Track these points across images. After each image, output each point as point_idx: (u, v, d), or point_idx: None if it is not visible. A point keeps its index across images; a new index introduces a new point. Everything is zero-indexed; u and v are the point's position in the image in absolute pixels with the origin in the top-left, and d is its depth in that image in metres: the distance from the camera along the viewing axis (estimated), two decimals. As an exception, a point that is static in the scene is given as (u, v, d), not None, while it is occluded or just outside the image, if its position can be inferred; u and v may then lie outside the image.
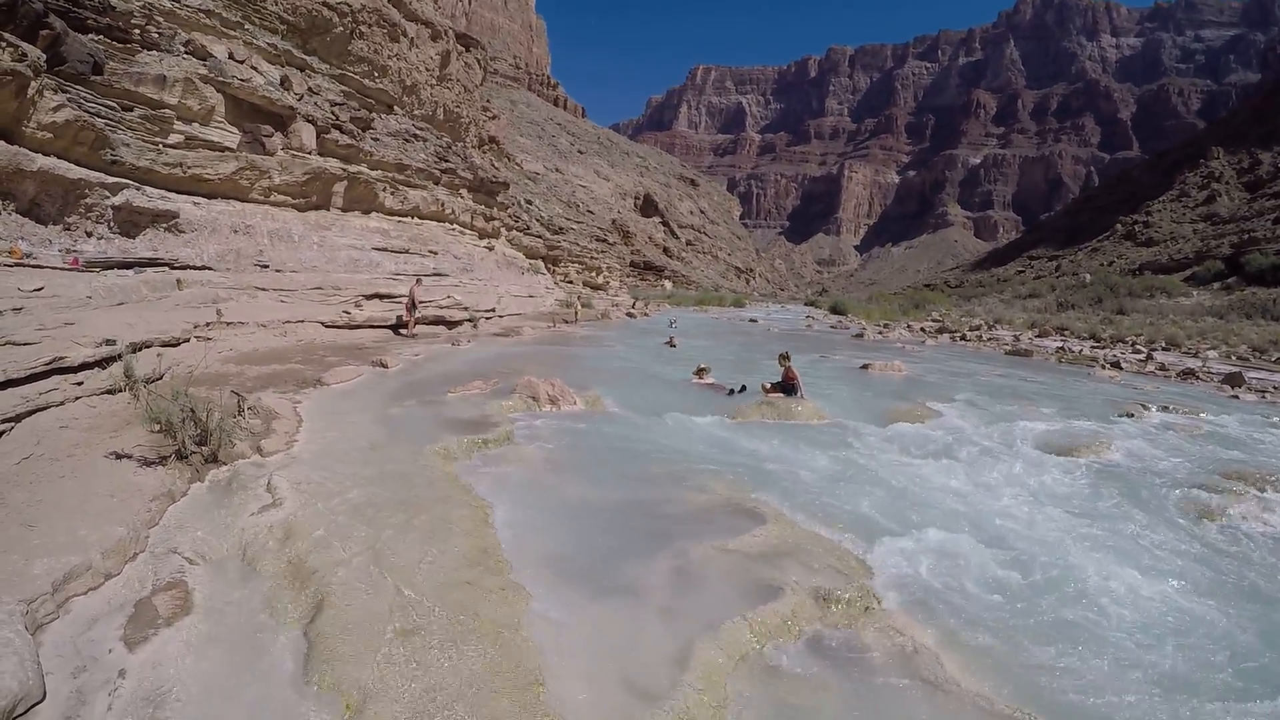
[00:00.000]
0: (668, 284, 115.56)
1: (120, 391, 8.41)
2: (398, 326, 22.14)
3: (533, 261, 48.04)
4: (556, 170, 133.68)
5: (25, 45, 14.00)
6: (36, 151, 14.39)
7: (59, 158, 14.92)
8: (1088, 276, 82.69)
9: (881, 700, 4.38)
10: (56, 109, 14.73)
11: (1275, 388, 20.92)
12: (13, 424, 7.01)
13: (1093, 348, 35.65)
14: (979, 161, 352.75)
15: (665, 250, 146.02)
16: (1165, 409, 15.74)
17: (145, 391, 7.99)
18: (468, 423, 10.37)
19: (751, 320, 55.14)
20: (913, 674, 4.64)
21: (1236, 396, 19.14)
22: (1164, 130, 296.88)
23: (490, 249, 39.78)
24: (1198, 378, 23.12)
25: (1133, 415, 14.69)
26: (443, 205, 34.14)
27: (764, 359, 21.47)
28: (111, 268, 14.44)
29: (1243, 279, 61.05)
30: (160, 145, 18.48)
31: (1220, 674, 4.94)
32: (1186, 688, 4.73)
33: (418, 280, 24.25)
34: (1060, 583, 6.16)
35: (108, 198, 16.00)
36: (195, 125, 20.06)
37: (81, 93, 16.05)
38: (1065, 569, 6.42)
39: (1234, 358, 30.89)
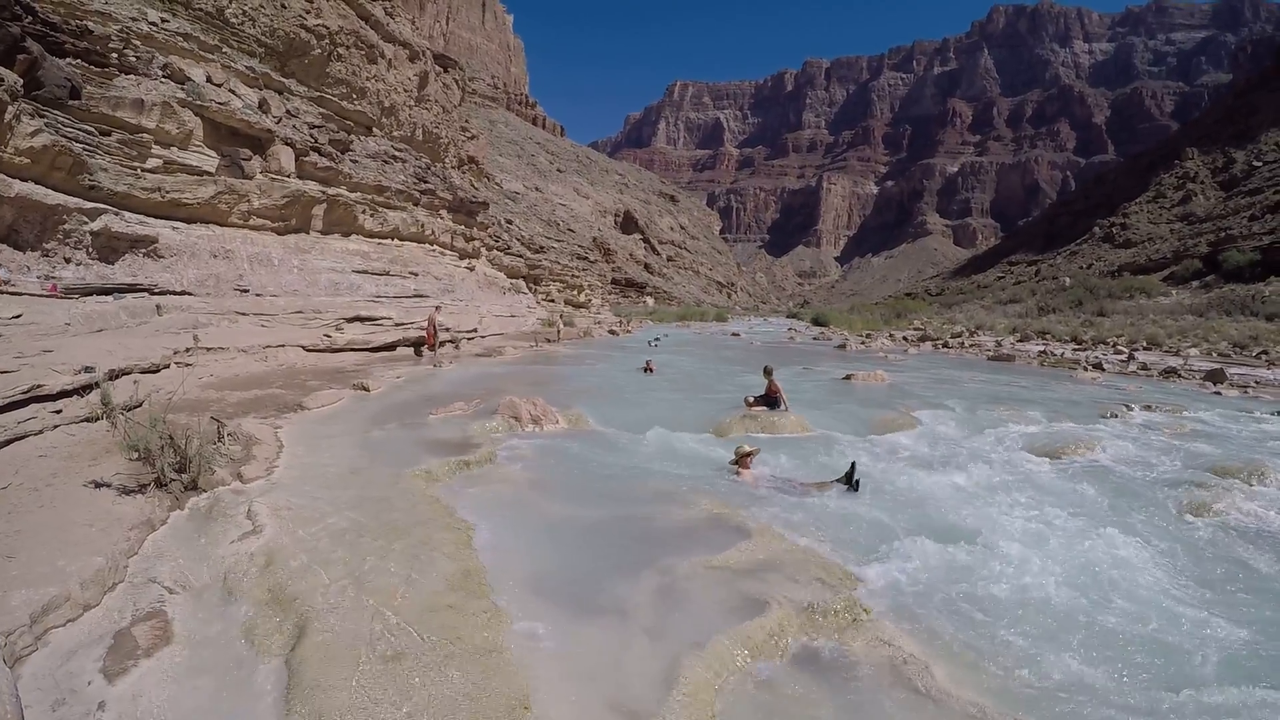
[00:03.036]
0: (650, 300, 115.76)
1: (99, 419, 8.32)
2: (418, 347, 23.06)
3: (514, 281, 47.98)
4: (536, 189, 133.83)
5: (2, 70, 13.94)
6: (14, 177, 14.30)
7: (36, 183, 14.83)
8: (1067, 280, 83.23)
9: (871, 712, 4.35)
10: (34, 134, 14.64)
11: (1257, 382, 21.13)
12: None
13: (1074, 350, 35.89)
14: (956, 170, 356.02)
15: (646, 267, 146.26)
16: (1149, 408, 15.87)
17: (124, 419, 7.90)
18: (450, 444, 10.34)
19: (734, 334, 55.22)
20: (903, 684, 4.61)
21: (1219, 393, 19.32)
22: (1138, 133, 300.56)
23: (471, 269, 39.72)
24: (1180, 376, 23.31)
25: (1117, 416, 14.80)
26: (423, 226, 34.11)
27: (747, 373, 21.47)
28: (91, 294, 14.37)
29: (1221, 276, 61.66)
30: (139, 170, 18.41)
31: (1219, 674, 4.93)
32: (1183, 689, 4.71)
33: (437, 308, 24.89)
34: (1050, 587, 6.15)
35: (86, 223, 15.91)
36: (173, 149, 19.99)
37: (59, 117, 15.97)
38: (1055, 573, 6.42)
39: (1215, 355, 31.18)
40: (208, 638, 4.76)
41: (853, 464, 8.89)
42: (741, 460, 9.67)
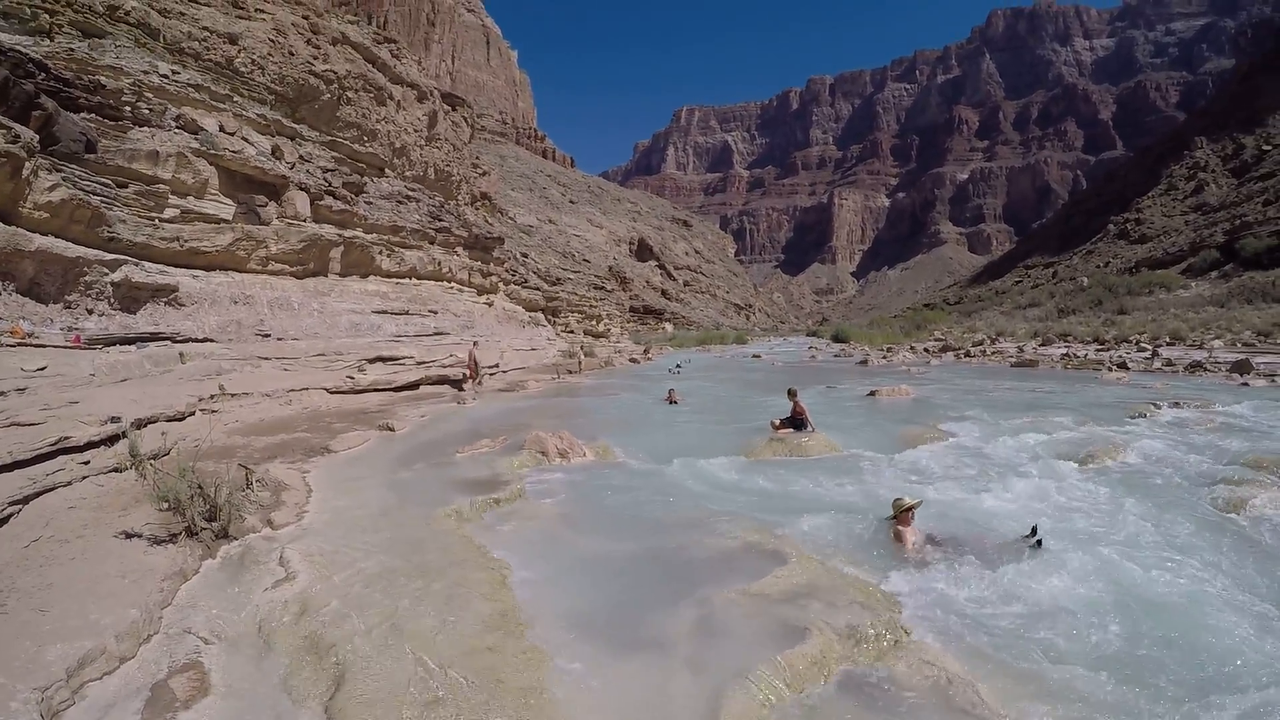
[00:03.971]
0: (668, 326, 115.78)
1: (126, 469, 8.34)
2: (459, 384, 23.62)
3: (532, 314, 48.13)
4: (550, 221, 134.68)
5: (18, 127, 14.19)
6: (34, 231, 14.50)
7: (56, 236, 15.04)
8: (1085, 280, 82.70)
9: (920, 737, 4.26)
10: (52, 188, 14.86)
11: (1283, 370, 20.86)
12: (21, 506, 6.94)
13: (1097, 351, 35.67)
14: (966, 177, 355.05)
15: (663, 293, 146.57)
16: (1177, 405, 15.71)
17: (152, 469, 7.93)
18: (478, 482, 10.31)
19: (755, 356, 55.08)
20: (949, 706, 4.52)
21: (1246, 384, 19.11)
22: (1146, 126, 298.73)
23: (489, 304, 39.91)
24: (1205, 369, 23.09)
25: (1145, 415, 14.65)
26: (439, 264, 34.33)
27: (771, 394, 21.39)
28: (114, 344, 14.51)
29: (1239, 265, 61.13)
30: (156, 220, 18.66)
31: (1264, 678, 4.81)
32: (1229, 699, 4.61)
33: (475, 343, 26.27)
34: (1090, 598, 6.05)
35: (107, 274, 16.10)
36: (190, 199, 20.27)
37: (76, 171, 16.22)
38: (1097, 583, 6.32)
39: (1239, 345, 30.92)
40: (246, 688, 4.73)
41: (1034, 526, 7.34)
42: (901, 516, 7.59)
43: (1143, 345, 35.57)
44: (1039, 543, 7.14)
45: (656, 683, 4.83)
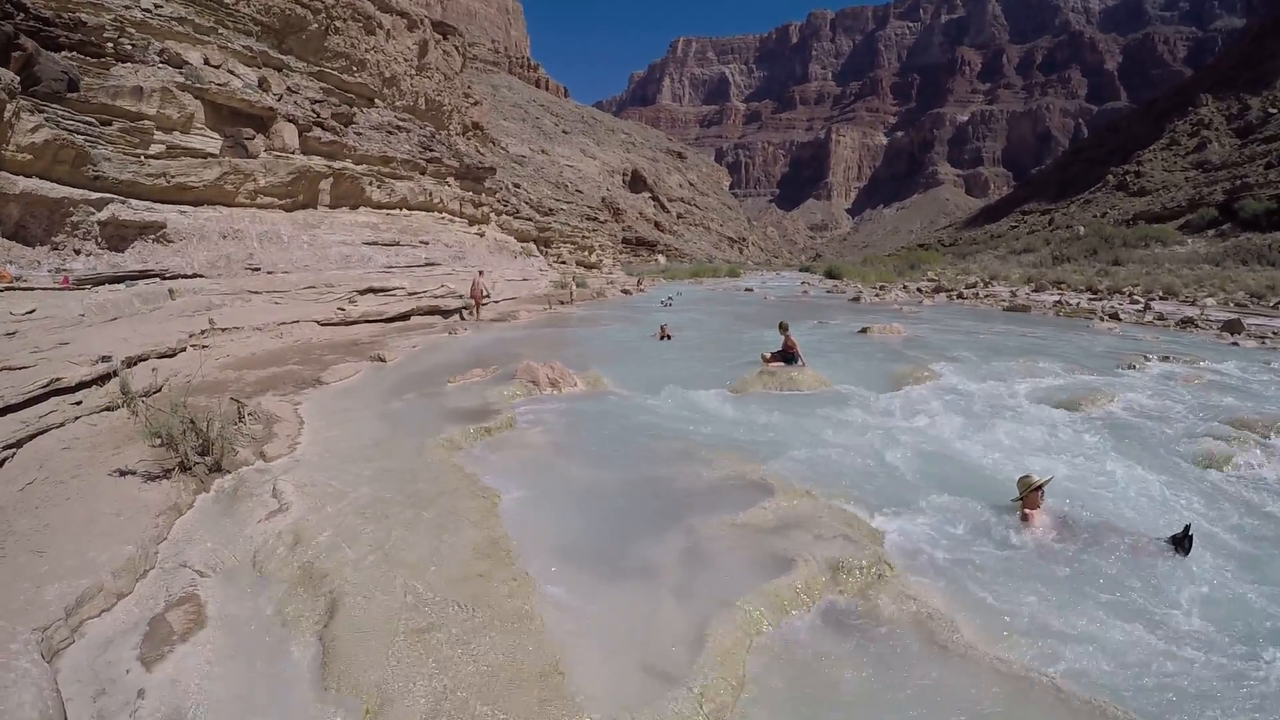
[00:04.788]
0: (661, 258, 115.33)
1: (119, 408, 8.37)
2: (463, 312, 24.83)
3: (524, 245, 47.77)
4: (542, 152, 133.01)
5: (-2, 69, 13.88)
6: (18, 174, 14.28)
7: (41, 178, 14.81)
8: (1081, 229, 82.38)
9: (898, 668, 4.36)
10: (34, 130, 14.59)
11: (1274, 333, 20.96)
12: (15, 450, 6.98)
13: (1090, 300, 35.69)
14: (966, 119, 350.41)
15: (657, 225, 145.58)
16: (1166, 359, 15.75)
17: (144, 406, 7.95)
18: (469, 412, 10.35)
19: (747, 290, 54.96)
20: (929, 640, 4.62)
21: (1236, 343, 19.16)
22: (1151, 79, 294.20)
23: (481, 235, 39.58)
24: (1196, 326, 23.13)
25: (1134, 367, 14.70)
26: (430, 195, 33.94)
27: (762, 328, 21.42)
28: (102, 283, 14.37)
29: (1237, 225, 60.86)
30: (142, 157, 18.34)
31: (1241, 634, 4.92)
32: (1203, 645, 4.73)
33: (481, 273, 26.52)
34: (1073, 540, 6.16)
35: (93, 214, 15.90)
36: (176, 134, 19.89)
37: (59, 111, 15.90)
38: (1078, 525, 6.42)
39: (1232, 304, 30.94)
40: (241, 619, 4.81)
41: (1187, 525, 6.10)
42: (1029, 497, 6.52)
43: (1135, 298, 35.60)
44: (1188, 547, 5.91)
45: (643, 610, 4.93)
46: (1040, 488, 6.51)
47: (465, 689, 3.97)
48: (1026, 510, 6.44)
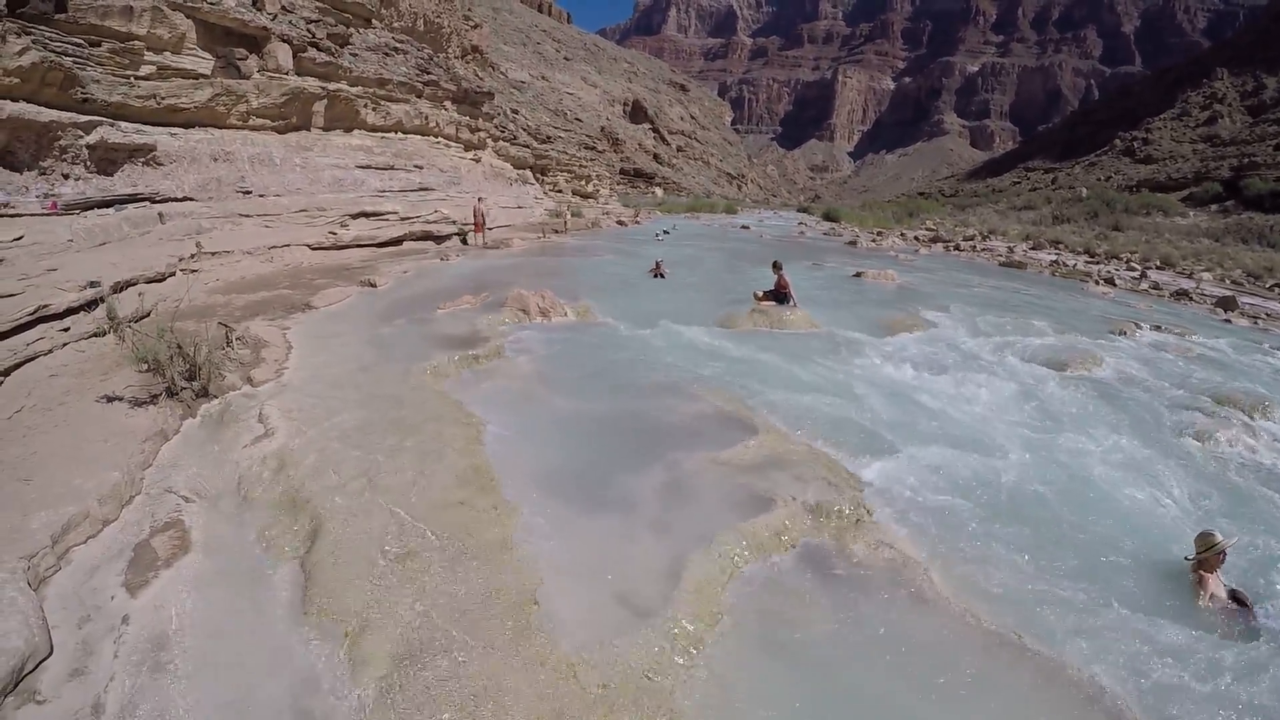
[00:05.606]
0: (659, 191, 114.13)
1: (107, 334, 8.31)
2: (466, 236, 25.41)
3: (520, 172, 47.13)
4: (543, 78, 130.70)
5: (-19, -9, 13.48)
6: (5, 98, 13.91)
7: (28, 102, 14.44)
8: (1084, 191, 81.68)
9: (870, 613, 4.46)
10: (21, 52, 14.18)
11: (1268, 314, 20.98)
12: (2, 378, 6.95)
13: (1087, 263, 35.57)
14: (977, 70, 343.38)
15: (656, 157, 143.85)
16: (1158, 328, 15.77)
17: (131, 331, 7.91)
18: (458, 339, 10.34)
19: (744, 227, 54.50)
20: (902, 588, 4.71)
21: (1229, 320, 19.18)
22: (1168, 47, 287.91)
23: (477, 161, 39.01)
24: (1191, 299, 23.14)
25: (1125, 333, 14.73)
26: (426, 119, 33.35)
27: (756, 266, 21.34)
28: (91, 208, 14.15)
29: (1241, 203, 60.45)
30: (131, 78, 17.87)
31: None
32: (1162, 606, 4.84)
33: (480, 199, 26.77)
34: (1051, 499, 6.23)
35: (82, 137, 15.55)
36: (167, 54, 19.35)
37: (46, 33, 15.44)
38: (1057, 485, 6.50)
39: (1228, 281, 30.84)
40: (225, 544, 4.87)
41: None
42: (1206, 561, 5.22)
43: (1132, 264, 35.46)
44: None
45: (621, 542, 5.01)
46: (1224, 551, 5.20)
47: (443, 615, 4.05)
48: (1203, 573, 5.19)
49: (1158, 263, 36.46)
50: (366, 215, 22.41)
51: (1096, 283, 25.86)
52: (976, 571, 5.02)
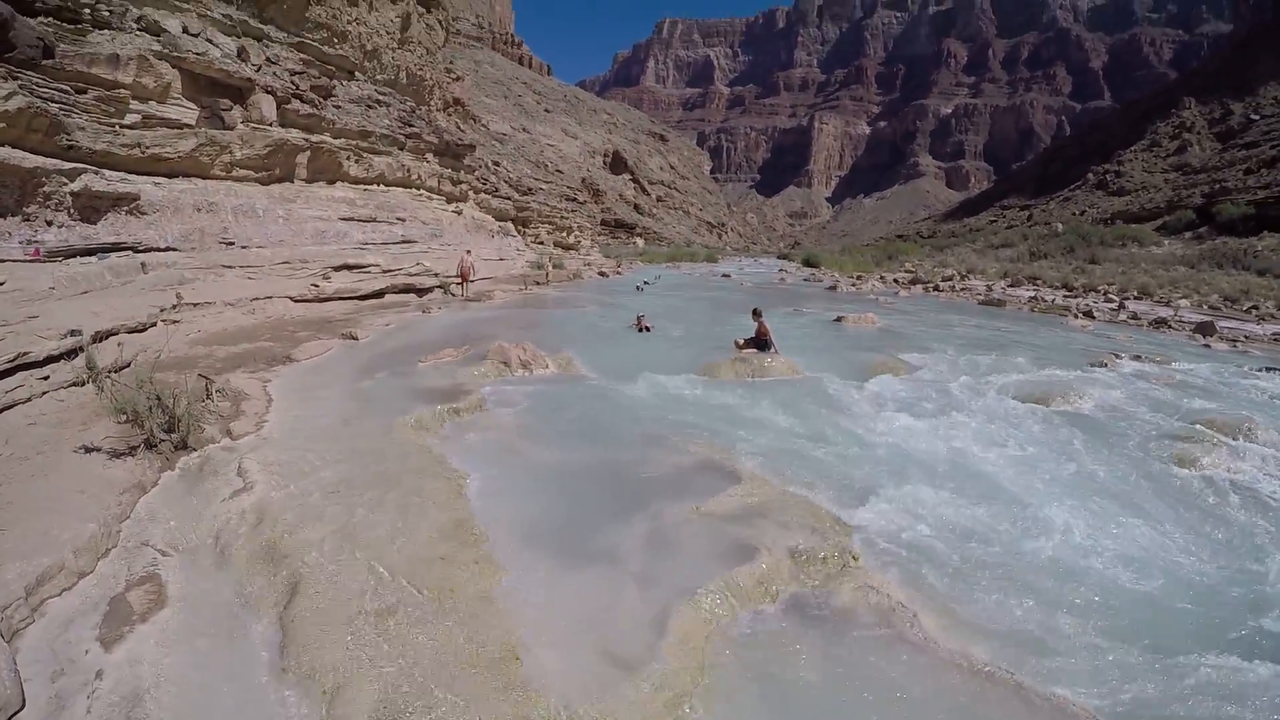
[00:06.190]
0: (640, 241, 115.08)
1: (86, 383, 8.27)
2: (452, 288, 25.83)
3: (502, 224, 47.42)
4: (524, 130, 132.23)
5: (-29, 35, 13.58)
6: None
7: (13, 147, 14.47)
8: (1060, 226, 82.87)
9: (859, 660, 4.41)
10: (8, 97, 14.25)
11: (1246, 337, 21.23)
12: None
13: (1065, 297, 35.98)
14: (950, 111, 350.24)
15: (636, 207, 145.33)
16: (1138, 358, 15.91)
17: (110, 382, 7.85)
18: (440, 392, 10.29)
19: (725, 275, 54.91)
20: (890, 632, 4.67)
21: (1208, 345, 19.38)
22: (1136, 80, 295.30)
23: (458, 213, 39.25)
24: (1170, 327, 23.38)
25: (1106, 365, 14.85)
26: (409, 171, 33.61)
27: (737, 315, 21.45)
28: (74, 256, 14.14)
29: (1214, 229, 61.37)
30: (117, 126, 17.95)
31: (1197, 628, 5.02)
32: (1161, 643, 4.81)
33: (468, 252, 27.53)
34: (1038, 536, 6.23)
35: (66, 184, 15.56)
36: (152, 103, 19.50)
37: (33, 78, 15.52)
38: (1044, 522, 6.49)
39: (1205, 307, 31.22)
40: (202, 599, 4.79)
41: None
42: None
43: (1110, 296, 35.92)
44: None
45: (606, 595, 4.95)
46: None
47: (424, 672, 3.99)
48: None
49: (1135, 293, 36.90)
50: (349, 268, 22.46)
51: (1076, 316, 26.12)
52: (965, 612, 4.99)
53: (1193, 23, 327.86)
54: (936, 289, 40.84)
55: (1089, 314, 27.04)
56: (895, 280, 47.99)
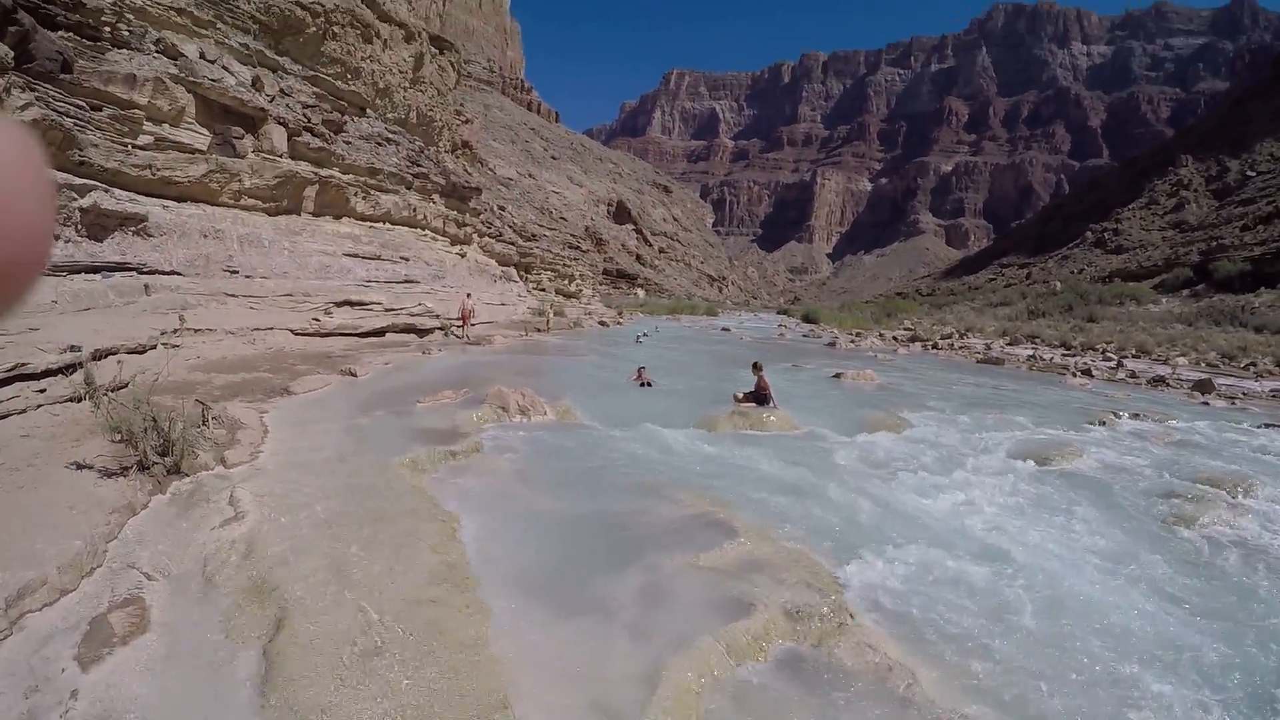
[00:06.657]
0: (641, 292, 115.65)
1: (83, 399, 8.23)
2: (453, 329, 26.04)
3: (505, 269, 47.71)
4: (529, 176, 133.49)
5: (-7, 42, 13.74)
6: None
7: None
8: (1058, 284, 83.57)
9: (856, 718, 4.31)
10: (24, 107, 14.39)
11: (1244, 394, 21.26)
12: None
13: (1064, 355, 36.07)
14: (951, 169, 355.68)
15: (638, 258, 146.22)
16: (1136, 416, 15.90)
17: (107, 400, 7.81)
18: (437, 433, 10.26)
19: (724, 329, 55.06)
20: (887, 692, 4.57)
21: (1207, 403, 19.39)
22: (1134, 138, 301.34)
23: (462, 255, 39.50)
24: (1168, 385, 23.40)
25: (1105, 423, 14.83)
26: (415, 210, 33.88)
27: (737, 369, 21.44)
28: (79, 272, 14.19)
29: (1211, 286, 61.89)
30: (129, 146, 18.13)
31: (1197, 688, 4.91)
32: (1164, 704, 4.71)
33: (469, 295, 27.64)
34: (1036, 596, 6.14)
35: (75, 200, 15.67)
36: (165, 126, 19.71)
37: (50, 91, 15.70)
38: (1041, 581, 6.41)
39: (1203, 364, 31.33)
40: (185, 626, 4.69)
41: None
42: None
43: (1109, 354, 36.01)
44: None
45: (599, 646, 4.85)
46: None
47: (409, 717, 3.88)
48: None
49: (1133, 351, 37.03)
50: (351, 304, 22.54)
51: (1074, 375, 26.12)
52: (965, 672, 4.89)
53: (1190, 81, 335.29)
54: (935, 347, 40.93)
55: (1087, 372, 27.06)
56: (894, 338, 48.09)
